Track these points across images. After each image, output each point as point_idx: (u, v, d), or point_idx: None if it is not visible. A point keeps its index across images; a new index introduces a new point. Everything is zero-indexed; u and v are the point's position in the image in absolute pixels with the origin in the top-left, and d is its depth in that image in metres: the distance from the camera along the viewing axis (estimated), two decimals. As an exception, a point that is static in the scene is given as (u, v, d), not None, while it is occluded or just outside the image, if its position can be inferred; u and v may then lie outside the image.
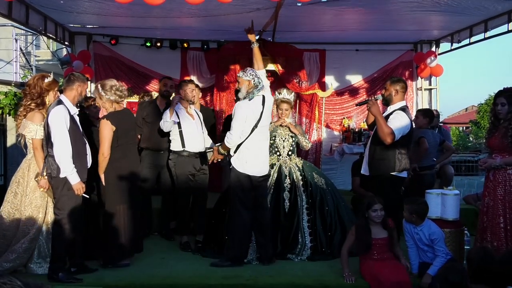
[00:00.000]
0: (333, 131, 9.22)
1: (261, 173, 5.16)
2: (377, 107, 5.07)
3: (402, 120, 5.06)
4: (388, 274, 4.39)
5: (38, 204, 4.75)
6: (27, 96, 4.81)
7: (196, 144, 5.81)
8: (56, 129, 4.48)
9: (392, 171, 5.06)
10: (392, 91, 5.18)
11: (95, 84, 8.63)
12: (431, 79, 9.23)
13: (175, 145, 5.80)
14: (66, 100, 4.59)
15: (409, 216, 4.64)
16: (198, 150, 5.83)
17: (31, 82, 4.87)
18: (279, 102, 5.82)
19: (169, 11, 6.22)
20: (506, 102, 4.62)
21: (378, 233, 4.62)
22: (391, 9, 6.41)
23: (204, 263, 5.23)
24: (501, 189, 4.61)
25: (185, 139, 5.78)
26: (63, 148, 4.48)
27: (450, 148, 6.86)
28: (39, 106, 4.79)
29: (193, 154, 5.80)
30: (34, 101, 4.78)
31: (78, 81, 4.65)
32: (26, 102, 4.81)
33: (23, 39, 14.10)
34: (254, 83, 5.08)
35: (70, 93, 4.63)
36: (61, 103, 4.56)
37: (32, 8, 6.49)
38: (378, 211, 4.56)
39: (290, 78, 8.75)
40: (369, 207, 4.59)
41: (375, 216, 4.56)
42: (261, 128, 5.11)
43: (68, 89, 4.63)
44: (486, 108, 27.06)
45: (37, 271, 4.74)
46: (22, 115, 4.80)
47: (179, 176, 5.79)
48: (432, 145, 6.49)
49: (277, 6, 5.98)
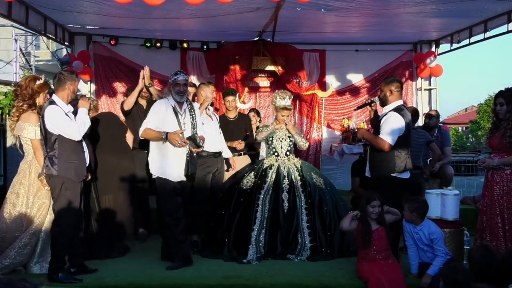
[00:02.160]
0: (333, 131, 9.23)
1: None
2: (362, 131, 5.42)
3: (394, 123, 5.01)
4: (384, 274, 4.40)
5: (41, 203, 4.78)
6: (19, 97, 4.85)
7: (214, 144, 5.83)
8: (58, 122, 4.49)
9: (392, 172, 5.04)
10: (386, 91, 5.15)
11: (95, 85, 8.73)
12: (431, 79, 9.24)
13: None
14: (59, 100, 4.58)
15: (409, 215, 4.65)
16: (216, 150, 5.87)
17: (22, 83, 4.91)
18: (280, 109, 5.80)
19: (168, 11, 6.22)
20: (504, 102, 4.65)
21: (375, 225, 4.64)
22: (391, 10, 6.42)
23: (204, 263, 5.24)
24: (498, 189, 4.63)
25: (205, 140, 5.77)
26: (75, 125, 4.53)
27: (435, 151, 6.77)
28: (32, 106, 4.82)
29: (211, 154, 5.82)
30: (26, 102, 4.81)
31: (69, 80, 4.63)
32: (18, 103, 4.85)
33: (23, 39, 14.10)
34: None
35: (63, 93, 4.61)
36: (53, 103, 4.56)
37: (32, 9, 6.50)
38: (376, 208, 4.58)
39: (290, 79, 8.75)
40: (368, 202, 4.61)
41: (372, 212, 4.58)
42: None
43: (60, 89, 4.61)
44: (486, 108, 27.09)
45: (37, 271, 4.74)
46: (16, 116, 4.83)
47: (197, 176, 5.76)
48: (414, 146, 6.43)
49: (276, 6, 5.99)
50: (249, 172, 5.80)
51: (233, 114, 6.79)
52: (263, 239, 5.37)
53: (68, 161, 4.55)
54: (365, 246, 4.60)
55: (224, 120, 6.69)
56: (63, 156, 4.53)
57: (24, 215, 4.75)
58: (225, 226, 5.52)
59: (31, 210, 4.76)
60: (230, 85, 8.68)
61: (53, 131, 4.51)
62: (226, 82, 8.76)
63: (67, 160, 4.55)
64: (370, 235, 4.56)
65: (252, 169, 5.84)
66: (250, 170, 5.86)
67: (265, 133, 5.81)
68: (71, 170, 4.57)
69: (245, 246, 5.33)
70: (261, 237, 5.38)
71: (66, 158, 4.55)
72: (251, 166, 6.14)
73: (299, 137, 5.90)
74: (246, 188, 5.62)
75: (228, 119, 6.76)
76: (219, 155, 5.95)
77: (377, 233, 4.59)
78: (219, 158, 5.94)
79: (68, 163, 4.56)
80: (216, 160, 5.88)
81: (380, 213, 4.61)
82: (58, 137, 4.52)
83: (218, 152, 5.92)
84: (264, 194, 5.54)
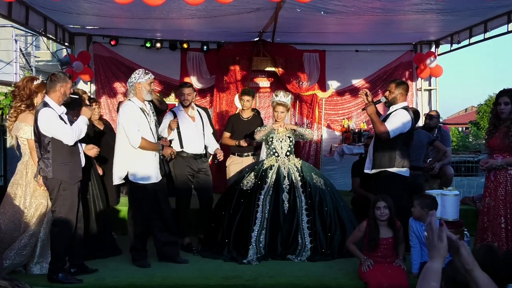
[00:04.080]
0: (333, 131, 9.23)
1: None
2: (373, 108, 5.25)
3: (401, 119, 5.19)
4: (387, 276, 4.40)
5: (38, 203, 4.77)
6: (17, 98, 4.84)
7: (194, 145, 5.84)
8: (51, 125, 4.47)
9: (392, 166, 5.18)
10: (397, 94, 5.31)
11: (95, 85, 8.73)
12: (431, 80, 9.24)
13: (174, 146, 5.82)
14: (51, 102, 4.56)
15: (420, 211, 4.62)
16: (197, 151, 5.86)
17: (20, 84, 4.91)
18: (275, 104, 5.83)
19: (168, 12, 6.22)
20: (509, 101, 4.62)
21: (385, 233, 4.64)
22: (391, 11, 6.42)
23: (204, 263, 5.24)
24: (502, 189, 4.62)
25: (184, 141, 5.81)
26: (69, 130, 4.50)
27: (440, 148, 6.80)
28: (29, 107, 4.81)
29: (191, 155, 5.83)
30: (24, 103, 4.81)
31: (60, 82, 4.57)
32: (16, 103, 4.84)
33: (23, 40, 14.12)
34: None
35: (54, 95, 4.57)
36: (46, 105, 4.53)
37: (32, 9, 6.49)
38: (381, 209, 4.57)
39: (290, 79, 8.75)
40: (374, 205, 4.62)
41: (379, 214, 4.58)
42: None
43: (51, 91, 4.58)
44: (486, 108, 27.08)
45: (38, 271, 4.74)
46: (13, 116, 4.82)
47: (178, 177, 5.83)
48: (422, 146, 6.46)
49: (276, 7, 5.99)
50: (249, 172, 5.80)
51: (247, 114, 6.78)
52: (263, 239, 5.38)
53: (62, 164, 4.52)
54: (370, 250, 4.61)
55: (237, 119, 6.71)
56: (57, 159, 4.50)
57: (22, 216, 4.73)
58: (225, 227, 5.52)
59: (29, 210, 4.75)
60: (230, 85, 8.69)
61: (47, 134, 4.49)
62: (226, 83, 8.76)
63: (61, 163, 4.51)
64: (376, 241, 4.56)
65: (252, 170, 5.83)
66: (250, 170, 5.85)
67: (263, 132, 5.81)
68: (65, 172, 4.54)
69: (245, 247, 5.33)
70: (261, 237, 5.38)
71: (61, 161, 4.51)
72: (251, 166, 6.14)
73: (303, 129, 5.93)
74: (247, 188, 5.62)
75: (242, 118, 6.77)
76: (200, 157, 5.89)
77: (385, 241, 4.60)
78: (199, 160, 5.89)
79: (63, 166, 4.52)
80: (196, 162, 5.86)
81: (390, 217, 4.60)
82: (52, 139, 4.49)
83: (199, 154, 5.87)
84: (265, 194, 5.54)
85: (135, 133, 4.98)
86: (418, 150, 6.33)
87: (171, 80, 8.85)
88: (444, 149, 6.81)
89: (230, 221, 5.52)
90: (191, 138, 5.84)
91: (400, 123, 5.17)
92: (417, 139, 6.19)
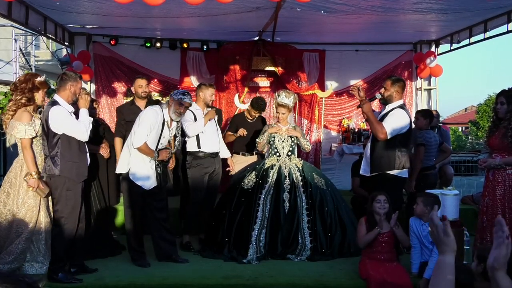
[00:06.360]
0: (333, 131, 9.23)
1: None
2: (369, 106, 5.15)
3: (399, 119, 5.10)
4: (388, 274, 4.40)
5: (31, 204, 4.72)
6: (18, 90, 4.72)
7: (212, 144, 5.84)
8: (65, 123, 4.48)
9: (392, 168, 5.09)
10: (393, 91, 5.21)
11: (95, 85, 8.72)
12: (431, 80, 9.23)
13: (190, 145, 5.82)
14: (61, 100, 4.57)
15: (423, 209, 4.62)
16: (214, 150, 5.87)
17: (22, 78, 4.87)
18: (276, 105, 5.82)
19: (168, 11, 6.22)
20: (505, 101, 4.65)
21: (384, 227, 4.66)
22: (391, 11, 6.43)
23: (204, 263, 5.24)
24: (500, 188, 4.63)
25: (201, 140, 5.79)
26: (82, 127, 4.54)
27: (448, 150, 6.85)
28: (30, 101, 4.72)
29: (208, 154, 5.82)
30: (26, 96, 4.70)
31: (70, 81, 4.59)
32: (16, 96, 4.71)
33: (23, 39, 14.11)
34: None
35: (64, 93, 4.59)
36: (56, 104, 4.54)
37: (32, 9, 6.49)
38: (381, 202, 4.59)
39: (289, 79, 8.75)
40: (373, 199, 4.63)
41: (378, 207, 4.59)
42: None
43: (61, 89, 4.59)
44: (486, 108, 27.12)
45: (28, 271, 4.72)
46: (12, 110, 4.69)
47: (194, 177, 5.79)
48: (433, 146, 6.46)
49: (276, 6, 5.99)
50: (250, 172, 5.80)
51: (253, 115, 6.75)
52: (263, 239, 5.38)
53: (70, 161, 4.55)
54: (370, 245, 4.63)
55: (241, 120, 6.70)
56: (66, 156, 4.52)
57: (14, 214, 4.70)
58: (225, 226, 5.53)
59: (21, 209, 4.70)
60: (230, 85, 8.68)
61: (58, 131, 4.49)
62: (226, 82, 8.76)
63: (69, 160, 4.54)
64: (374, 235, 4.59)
65: (253, 169, 5.84)
66: (251, 170, 5.86)
67: (262, 142, 5.84)
68: (73, 170, 4.56)
69: (246, 246, 5.33)
70: (262, 237, 5.38)
71: (69, 158, 4.54)
72: (252, 166, 6.14)
73: (304, 140, 5.91)
74: (247, 188, 5.63)
75: (247, 119, 6.76)
76: (216, 156, 5.94)
77: (385, 235, 4.62)
78: (216, 159, 5.92)
79: (71, 163, 4.55)
80: (213, 160, 5.88)
81: (389, 211, 4.62)
82: (61, 136, 4.50)
83: (215, 153, 5.91)
84: (265, 194, 5.54)
85: (143, 135, 5.00)
86: (433, 150, 6.35)
87: (170, 79, 8.85)
88: (450, 151, 6.85)
89: (231, 220, 5.52)
90: (208, 137, 5.80)
91: (398, 123, 5.08)
92: (434, 139, 6.24)
